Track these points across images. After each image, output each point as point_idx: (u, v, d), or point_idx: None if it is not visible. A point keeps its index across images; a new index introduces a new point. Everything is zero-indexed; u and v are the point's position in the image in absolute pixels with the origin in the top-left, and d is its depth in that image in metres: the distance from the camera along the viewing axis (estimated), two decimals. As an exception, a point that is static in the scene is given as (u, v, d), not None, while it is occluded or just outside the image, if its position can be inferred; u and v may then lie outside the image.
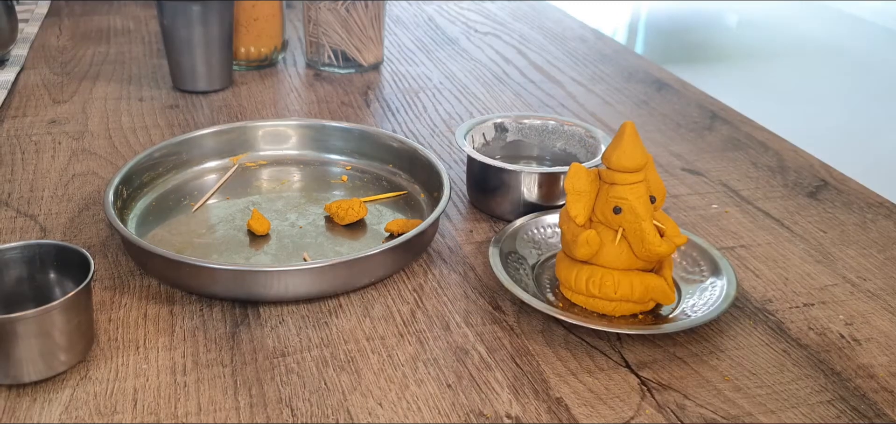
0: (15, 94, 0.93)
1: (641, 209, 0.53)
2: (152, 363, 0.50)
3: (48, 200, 0.70)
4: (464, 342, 0.53)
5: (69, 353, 0.48)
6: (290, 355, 0.51)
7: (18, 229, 0.65)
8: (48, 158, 0.77)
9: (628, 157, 0.53)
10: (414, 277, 0.60)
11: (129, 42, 1.12)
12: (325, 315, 0.55)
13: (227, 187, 0.72)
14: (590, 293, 0.54)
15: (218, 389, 0.48)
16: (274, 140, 0.77)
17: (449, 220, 0.69)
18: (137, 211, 0.67)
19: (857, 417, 0.48)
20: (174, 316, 0.55)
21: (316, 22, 1.01)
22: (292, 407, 0.47)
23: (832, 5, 4.29)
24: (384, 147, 0.75)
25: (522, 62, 1.09)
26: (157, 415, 0.46)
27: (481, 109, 0.94)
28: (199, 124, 0.86)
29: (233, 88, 0.97)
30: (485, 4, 1.38)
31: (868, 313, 0.58)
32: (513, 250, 0.61)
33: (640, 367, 0.51)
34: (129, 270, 0.60)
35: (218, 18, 0.92)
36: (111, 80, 0.98)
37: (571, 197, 0.55)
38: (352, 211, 0.65)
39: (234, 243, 0.63)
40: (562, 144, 0.75)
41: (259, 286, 0.55)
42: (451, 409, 0.47)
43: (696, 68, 3.30)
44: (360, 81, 1.00)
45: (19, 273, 0.52)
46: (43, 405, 0.47)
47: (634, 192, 0.53)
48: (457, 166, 0.78)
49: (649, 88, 1.01)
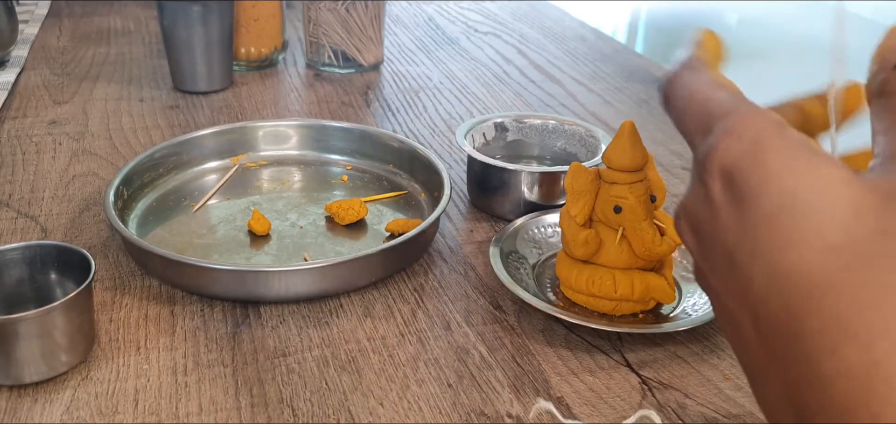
0: (15, 94, 0.93)
1: (642, 209, 0.53)
2: (153, 364, 0.50)
3: (49, 200, 0.70)
4: (464, 342, 0.53)
5: (70, 354, 0.48)
6: (291, 355, 0.51)
7: (19, 229, 0.65)
8: (49, 158, 0.77)
9: (628, 156, 0.53)
10: (414, 277, 0.60)
11: (129, 43, 1.12)
12: (325, 315, 0.55)
13: (227, 187, 0.72)
14: (590, 293, 0.54)
15: (219, 389, 0.48)
16: (274, 140, 0.77)
17: (449, 220, 0.69)
18: (138, 212, 0.67)
19: (857, 416, 0.48)
20: (175, 316, 0.55)
21: (316, 22, 1.01)
22: (293, 407, 0.47)
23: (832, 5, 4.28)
24: (384, 147, 0.75)
25: (522, 62, 1.09)
26: (159, 415, 0.46)
27: (481, 108, 0.94)
28: (199, 125, 0.86)
29: (233, 89, 0.97)
30: (485, 4, 1.38)
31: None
32: (513, 249, 0.61)
33: (640, 366, 0.51)
34: (130, 270, 0.60)
35: (218, 19, 0.92)
36: (111, 80, 0.98)
37: (571, 196, 0.55)
38: (352, 211, 0.65)
39: (235, 244, 0.63)
40: (562, 143, 0.75)
41: (260, 286, 0.55)
42: (451, 409, 0.47)
43: (697, 68, 3.29)
44: (360, 81, 1.00)
45: (20, 274, 0.52)
46: (44, 405, 0.47)
47: (635, 191, 0.53)
48: (457, 165, 0.78)
49: (649, 88, 1.01)
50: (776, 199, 0.27)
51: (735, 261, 0.28)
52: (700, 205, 0.31)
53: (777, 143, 0.28)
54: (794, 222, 0.26)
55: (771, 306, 0.27)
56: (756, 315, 0.28)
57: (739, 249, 0.28)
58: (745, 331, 0.29)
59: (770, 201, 0.27)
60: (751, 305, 0.28)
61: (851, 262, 0.25)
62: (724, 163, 0.29)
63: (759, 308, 0.28)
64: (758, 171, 0.28)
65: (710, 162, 0.30)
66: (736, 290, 0.29)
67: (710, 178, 0.30)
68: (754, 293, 0.28)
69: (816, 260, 0.26)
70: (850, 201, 0.26)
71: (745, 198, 0.28)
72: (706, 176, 0.30)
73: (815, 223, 0.26)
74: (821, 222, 0.26)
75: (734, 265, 0.29)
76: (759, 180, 0.27)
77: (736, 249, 0.28)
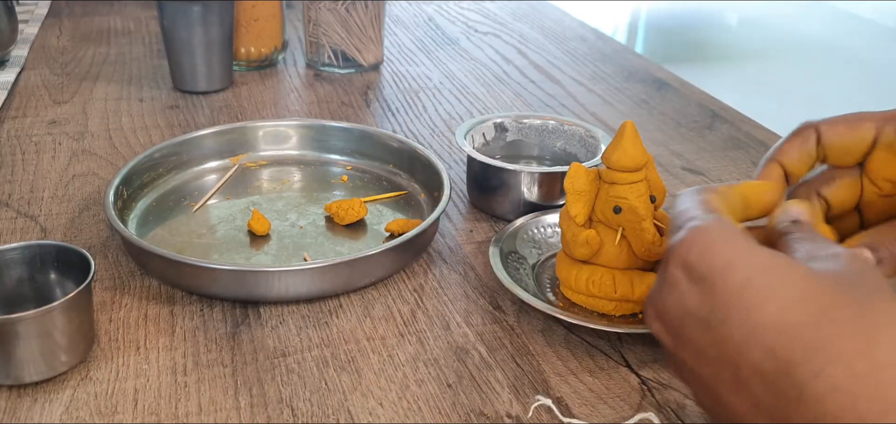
0: (15, 94, 0.93)
1: (642, 209, 0.53)
2: (153, 364, 0.50)
3: (48, 200, 0.70)
4: (464, 342, 0.53)
5: (70, 353, 0.48)
6: (291, 355, 0.51)
7: (19, 229, 0.65)
8: (48, 158, 0.77)
9: (628, 156, 0.53)
10: (414, 277, 0.60)
11: (129, 43, 1.12)
12: (325, 315, 0.55)
13: (227, 187, 0.72)
14: (590, 293, 0.54)
15: (218, 389, 0.48)
16: (274, 140, 0.77)
17: (449, 220, 0.69)
18: (138, 211, 0.67)
19: (857, 416, 0.48)
20: (174, 316, 0.55)
21: (316, 22, 1.01)
22: (293, 407, 0.47)
23: (832, 5, 4.28)
24: (384, 147, 0.75)
25: (522, 62, 1.10)
26: (158, 415, 0.46)
27: (481, 108, 0.94)
28: (199, 125, 0.86)
29: (233, 89, 0.97)
30: (485, 4, 1.38)
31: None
32: (513, 249, 0.61)
33: (640, 366, 0.51)
34: (130, 270, 0.60)
35: (218, 19, 0.92)
36: (111, 80, 0.98)
37: (571, 197, 0.55)
38: (352, 211, 0.65)
39: (235, 244, 0.63)
40: (562, 143, 0.75)
41: (259, 286, 0.55)
42: (451, 409, 0.47)
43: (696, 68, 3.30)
44: (360, 81, 1.00)
45: (20, 274, 0.52)
46: (44, 405, 0.47)
47: (634, 191, 0.53)
48: (457, 165, 0.78)
49: (649, 88, 1.01)
50: (742, 273, 0.34)
51: (709, 326, 0.35)
52: (666, 291, 0.37)
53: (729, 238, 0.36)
54: (765, 287, 0.34)
55: (752, 356, 0.33)
56: (736, 366, 0.34)
57: (712, 316, 0.35)
58: (724, 388, 0.35)
59: (737, 275, 0.34)
60: (730, 359, 0.34)
61: (820, 307, 0.33)
62: (684, 256, 0.36)
63: (740, 359, 0.34)
64: (716, 258, 0.35)
65: (673, 256, 0.37)
66: (712, 351, 0.35)
67: (674, 268, 0.37)
68: (732, 348, 0.34)
69: (792, 308, 0.33)
70: (803, 272, 0.34)
71: (707, 278, 0.35)
72: (671, 267, 0.37)
73: (782, 287, 0.34)
74: (785, 285, 0.34)
75: (708, 330, 0.35)
76: (723, 264, 0.35)
77: (709, 317, 0.35)
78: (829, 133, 0.46)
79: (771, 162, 0.47)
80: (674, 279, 0.36)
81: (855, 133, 0.45)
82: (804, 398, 0.31)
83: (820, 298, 0.33)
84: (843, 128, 0.45)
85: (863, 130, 0.45)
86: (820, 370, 0.31)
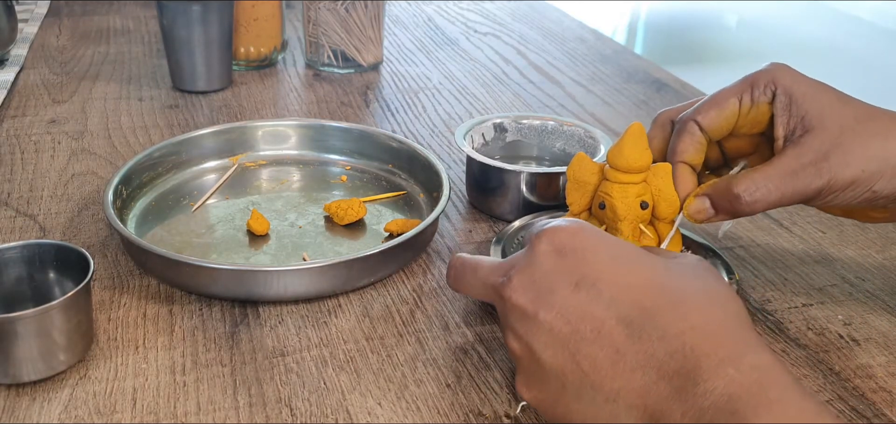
0: (14, 93, 0.93)
1: (621, 210, 0.53)
2: (151, 363, 0.50)
3: (47, 199, 0.70)
4: (463, 342, 0.53)
5: (69, 352, 0.48)
6: (290, 354, 0.52)
7: (18, 228, 0.65)
8: (48, 157, 0.77)
9: (623, 156, 0.53)
10: (413, 277, 0.60)
11: (128, 42, 1.12)
12: (324, 315, 0.55)
13: (226, 186, 0.72)
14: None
15: (217, 388, 0.48)
16: (273, 140, 0.77)
17: (448, 220, 0.69)
18: (137, 211, 0.67)
19: (855, 416, 0.48)
20: (173, 316, 0.55)
21: (315, 22, 1.01)
22: (291, 407, 0.47)
23: (832, 5, 4.29)
24: (383, 147, 0.75)
25: (522, 62, 1.10)
26: (157, 415, 0.46)
27: (481, 109, 0.94)
28: (198, 124, 0.86)
29: (232, 88, 0.97)
30: (484, 4, 1.38)
31: (866, 313, 0.58)
32: (513, 250, 0.61)
33: (638, 367, 0.51)
34: (129, 269, 0.60)
35: (218, 18, 0.92)
36: (111, 80, 0.98)
37: (571, 185, 0.55)
38: (351, 211, 0.65)
39: (234, 243, 0.63)
40: (561, 144, 0.75)
41: (258, 285, 0.55)
42: (450, 409, 0.47)
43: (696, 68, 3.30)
44: (360, 81, 1.01)
45: (19, 273, 0.52)
46: (42, 404, 0.47)
47: (622, 192, 0.53)
48: (456, 166, 0.78)
49: (649, 89, 1.01)
50: (612, 249, 0.42)
51: (579, 288, 0.40)
52: (536, 264, 0.42)
53: (594, 229, 0.43)
54: (634, 257, 0.42)
55: (620, 309, 0.40)
56: (601, 320, 0.40)
57: (583, 281, 0.40)
58: (583, 343, 0.40)
59: (607, 251, 0.42)
60: (595, 315, 0.40)
61: (674, 275, 0.42)
62: (552, 237, 0.42)
63: (606, 313, 0.40)
64: (587, 239, 0.42)
65: (541, 238, 0.43)
66: (577, 311, 0.40)
67: (545, 245, 0.42)
68: (601, 305, 0.40)
69: (657, 272, 0.41)
70: (655, 254, 0.44)
71: (577, 250, 0.42)
72: (541, 245, 0.42)
73: (644, 263, 0.42)
74: (644, 258, 0.42)
75: (579, 290, 0.40)
76: (594, 243, 0.42)
77: (580, 281, 0.41)
78: (705, 120, 0.54)
79: (679, 165, 0.54)
80: (543, 255, 0.42)
81: (723, 112, 0.54)
82: (667, 335, 0.38)
83: (672, 268, 0.42)
84: (714, 112, 0.53)
85: (728, 108, 0.53)
86: (683, 315, 0.39)
